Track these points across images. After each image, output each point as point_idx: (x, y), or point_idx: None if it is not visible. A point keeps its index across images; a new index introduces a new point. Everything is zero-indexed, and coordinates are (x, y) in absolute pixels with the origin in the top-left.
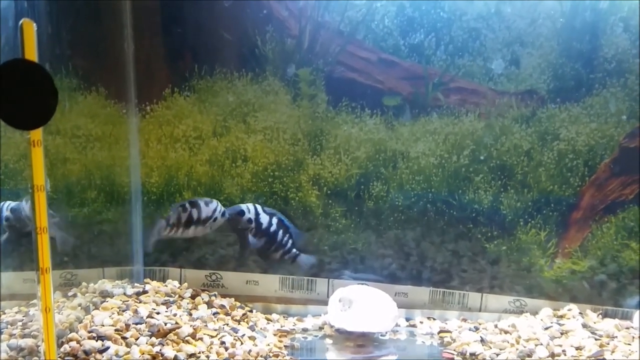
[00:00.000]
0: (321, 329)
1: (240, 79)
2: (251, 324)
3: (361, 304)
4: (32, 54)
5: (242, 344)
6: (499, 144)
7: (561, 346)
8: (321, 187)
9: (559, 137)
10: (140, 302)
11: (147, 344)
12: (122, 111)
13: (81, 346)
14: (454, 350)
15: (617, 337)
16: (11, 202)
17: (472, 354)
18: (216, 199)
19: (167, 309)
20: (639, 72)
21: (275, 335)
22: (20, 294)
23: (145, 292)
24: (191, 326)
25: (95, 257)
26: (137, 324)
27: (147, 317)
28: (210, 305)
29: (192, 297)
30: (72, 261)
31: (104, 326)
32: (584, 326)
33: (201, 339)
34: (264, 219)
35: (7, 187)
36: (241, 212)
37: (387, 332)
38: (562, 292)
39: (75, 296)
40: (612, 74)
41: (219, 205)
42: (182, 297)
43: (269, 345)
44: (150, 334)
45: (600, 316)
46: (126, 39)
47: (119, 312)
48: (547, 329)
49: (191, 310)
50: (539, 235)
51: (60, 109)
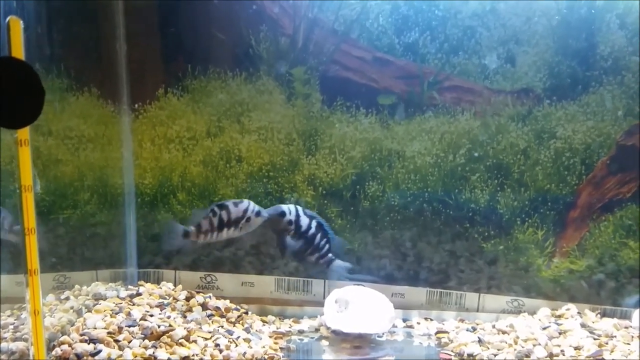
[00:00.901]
0: (317, 330)
1: (234, 79)
2: (246, 326)
3: (358, 305)
4: (19, 51)
5: (236, 346)
6: (495, 143)
7: (559, 346)
8: (316, 187)
9: (556, 135)
10: (133, 304)
11: (140, 346)
12: (114, 112)
13: (73, 349)
14: (452, 351)
15: (616, 336)
16: None
17: (470, 355)
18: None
19: (161, 311)
20: (639, 70)
21: (270, 337)
22: (13, 297)
23: (139, 294)
24: (185, 328)
25: (88, 259)
26: (130, 326)
27: (141, 319)
28: (205, 307)
29: (187, 299)
30: (65, 264)
31: (96, 329)
32: (583, 326)
33: (195, 342)
34: (304, 222)
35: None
36: (282, 214)
37: (384, 333)
38: (560, 292)
39: (68, 299)
40: (608, 71)
41: (251, 204)
42: (176, 300)
43: (264, 347)
44: (143, 336)
45: (598, 316)
46: (119, 39)
47: (111, 315)
48: (545, 328)
49: (185, 312)
50: (536, 234)
51: (52, 109)
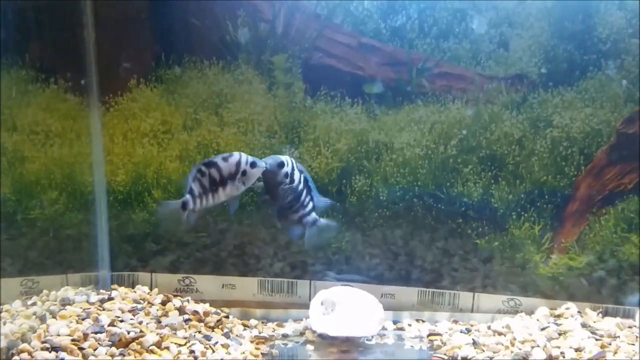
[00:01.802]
0: (302, 334)
1: (211, 68)
2: (226, 330)
3: (345, 307)
4: None
5: (213, 352)
6: (488, 133)
7: (559, 348)
8: None
9: (552, 123)
10: (103, 309)
11: (106, 354)
12: (83, 104)
13: (32, 357)
14: (445, 354)
15: (619, 337)
16: None
17: (464, 358)
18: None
19: (134, 316)
20: None
21: (252, 342)
22: None
23: (111, 299)
24: (157, 334)
25: (57, 262)
26: (96, 333)
27: (109, 325)
28: (182, 311)
29: (163, 303)
30: (33, 267)
31: (59, 336)
32: (584, 326)
33: (167, 348)
34: (297, 176)
35: None
36: (281, 164)
37: (373, 337)
38: (559, 290)
39: (34, 304)
40: (607, 55)
41: (243, 155)
42: (151, 304)
43: (243, 353)
44: (110, 343)
45: (600, 315)
46: (86, 26)
47: (77, 321)
48: (544, 329)
49: (160, 317)
50: (533, 229)
51: (16, 103)
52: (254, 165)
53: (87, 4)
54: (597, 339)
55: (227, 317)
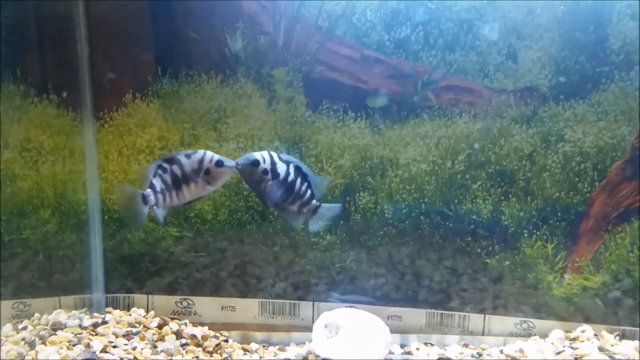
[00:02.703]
0: (305, 359)
1: (209, 82)
2: (225, 355)
3: (350, 330)
4: None
5: None
6: (497, 148)
7: None
8: None
9: (564, 138)
10: (96, 334)
11: None
12: (77, 120)
13: None
14: None
15: None
16: None
17: None
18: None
19: (128, 341)
20: None
21: None
22: None
23: (104, 322)
24: None
25: (50, 284)
26: None
27: (101, 351)
28: (179, 335)
29: (159, 326)
30: (24, 290)
31: None
32: (601, 349)
33: None
34: (281, 168)
35: None
36: (255, 162)
37: None
38: (573, 312)
39: (25, 329)
40: (620, 66)
41: (208, 153)
42: (147, 328)
43: None
44: None
45: (617, 337)
46: (79, 40)
47: (68, 347)
48: (559, 353)
49: (157, 342)
50: (545, 248)
51: (7, 119)
52: (220, 164)
53: (81, 17)
54: None
55: (226, 340)
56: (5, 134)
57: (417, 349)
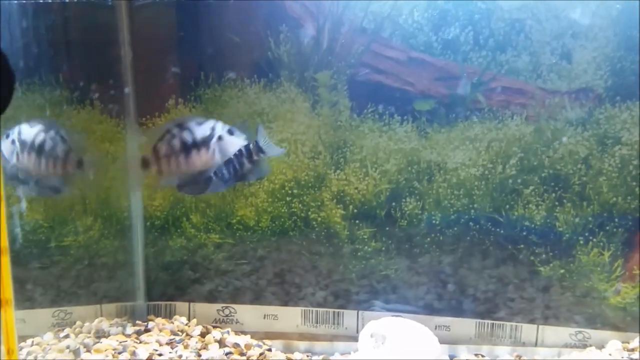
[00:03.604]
0: None
1: (252, 87)
2: None
3: (397, 340)
4: None
5: None
6: (551, 151)
7: None
8: (346, 206)
9: (621, 140)
10: (140, 342)
11: None
12: (120, 126)
13: None
14: None
15: None
16: None
17: None
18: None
19: (172, 349)
20: None
21: None
22: None
23: (147, 330)
24: None
25: (92, 292)
26: None
27: (147, 359)
28: (222, 344)
29: (202, 335)
30: (66, 297)
31: None
32: None
33: None
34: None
35: None
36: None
37: None
38: (630, 322)
39: (67, 337)
40: None
41: (219, 123)
42: (190, 336)
43: None
44: None
45: None
46: (123, 45)
47: (114, 355)
48: None
49: (200, 350)
50: (602, 255)
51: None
52: (231, 132)
53: (124, 23)
54: None
55: (269, 350)
56: None
57: None
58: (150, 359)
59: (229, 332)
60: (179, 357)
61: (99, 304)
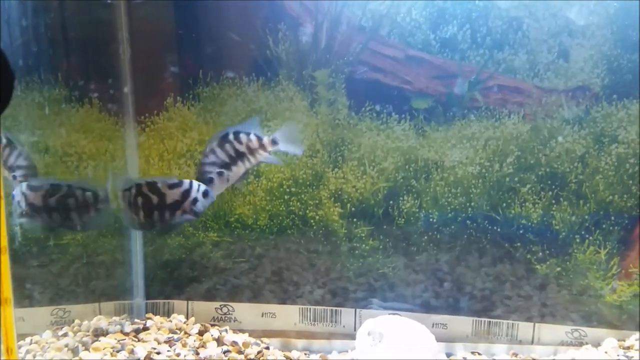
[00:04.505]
0: None
1: (250, 85)
2: None
3: (394, 338)
4: None
5: None
6: (548, 149)
7: None
8: (344, 204)
9: (618, 139)
10: (138, 340)
11: None
12: (118, 125)
13: None
14: None
15: None
16: None
17: None
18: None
19: (171, 347)
20: None
21: None
22: None
23: (146, 328)
24: None
25: (90, 290)
26: None
27: (145, 357)
28: (220, 342)
29: (200, 333)
30: (64, 296)
31: None
32: None
33: None
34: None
35: None
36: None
37: None
38: (626, 320)
39: (65, 335)
40: None
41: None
42: (188, 334)
43: None
44: None
45: None
46: (121, 43)
47: (112, 353)
48: None
49: (198, 348)
50: (598, 253)
51: (49, 124)
52: (207, 194)
53: (123, 21)
54: None
55: (267, 348)
56: (46, 139)
57: (464, 359)
58: (148, 357)
59: (227, 331)
60: (177, 355)
61: (98, 302)
